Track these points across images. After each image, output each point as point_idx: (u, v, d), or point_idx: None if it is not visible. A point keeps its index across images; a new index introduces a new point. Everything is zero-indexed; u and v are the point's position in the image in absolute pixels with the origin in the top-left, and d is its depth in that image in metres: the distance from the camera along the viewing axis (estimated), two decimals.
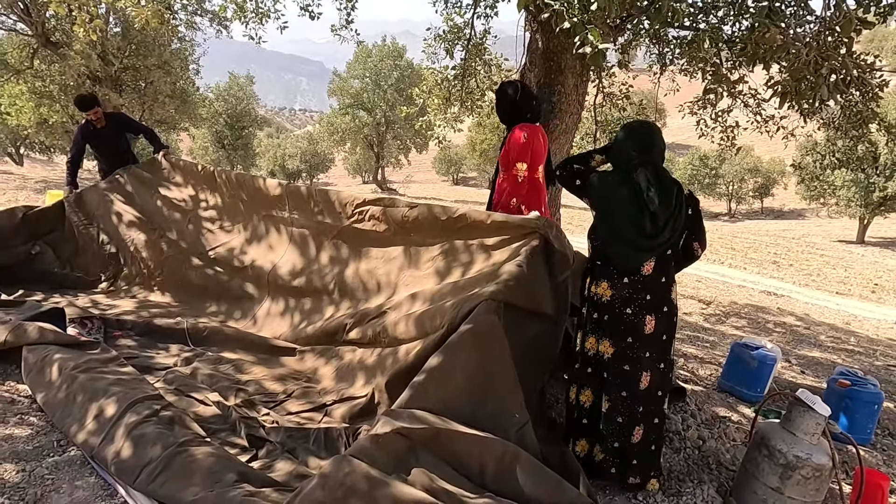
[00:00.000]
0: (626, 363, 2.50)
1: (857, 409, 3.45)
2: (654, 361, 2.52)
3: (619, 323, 2.50)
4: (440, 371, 2.28)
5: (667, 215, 2.43)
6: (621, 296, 2.49)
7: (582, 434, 2.64)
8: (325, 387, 3.10)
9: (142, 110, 17.61)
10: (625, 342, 2.50)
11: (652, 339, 2.50)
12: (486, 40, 8.29)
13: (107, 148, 5.46)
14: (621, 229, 2.47)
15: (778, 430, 2.44)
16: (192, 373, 3.12)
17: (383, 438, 1.99)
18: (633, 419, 2.50)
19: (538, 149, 3.40)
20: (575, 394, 2.66)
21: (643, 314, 2.49)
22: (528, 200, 3.40)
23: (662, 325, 2.52)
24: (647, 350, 2.50)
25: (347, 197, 3.71)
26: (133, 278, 4.57)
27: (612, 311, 2.51)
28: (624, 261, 2.49)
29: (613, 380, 2.52)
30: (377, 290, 3.40)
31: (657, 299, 2.50)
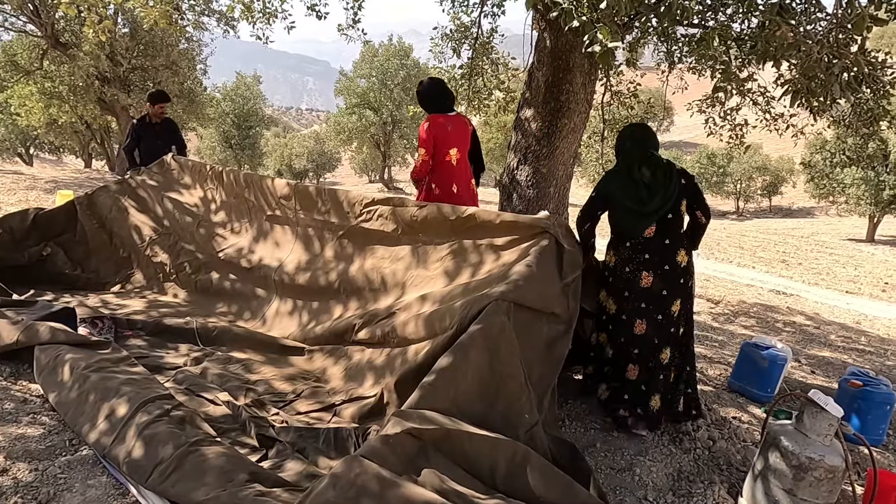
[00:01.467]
0: (623, 314, 3.03)
1: (869, 409, 3.42)
2: (650, 313, 2.98)
3: (618, 281, 3.04)
4: (450, 372, 2.27)
5: (657, 185, 2.95)
6: (622, 258, 3.03)
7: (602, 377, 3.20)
8: (333, 387, 3.10)
9: None
10: (622, 297, 3.03)
11: (648, 292, 2.97)
12: (494, 39, 8.28)
13: (152, 145, 5.97)
14: (625, 205, 2.99)
15: (790, 431, 2.42)
16: (202, 372, 3.14)
17: (394, 439, 1.99)
18: (628, 359, 3.03)
19: (444, 137, 3.97)
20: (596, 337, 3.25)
21: (639, 270, 2.98)
22: (440, 181, 4.04)
23: (661, 281, 2.96)
24: (643, 301, 2.98)
25: (356, 196, 3.71)
26: (145, 281, 4.60)
27: (615, 274, 3.06)
28: (632, 229, 2.99)
29: (615, 329, 3.08)
30: (385, 290, 3.40)
31: (656, 258, 2.96)
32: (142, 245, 4.63)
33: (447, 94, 4.17)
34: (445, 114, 4.07)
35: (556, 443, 2.52)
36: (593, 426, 3.03)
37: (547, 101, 4.77)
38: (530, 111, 4.90)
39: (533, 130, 4.86)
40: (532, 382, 2.57)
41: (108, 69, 15.49)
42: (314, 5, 7.55)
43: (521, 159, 4.96)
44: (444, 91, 4.17)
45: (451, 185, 4.07)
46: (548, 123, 4.78)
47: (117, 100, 15.90)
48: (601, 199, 3.11)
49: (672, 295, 2.99)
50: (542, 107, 4.79)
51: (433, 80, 4.23)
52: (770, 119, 7.62)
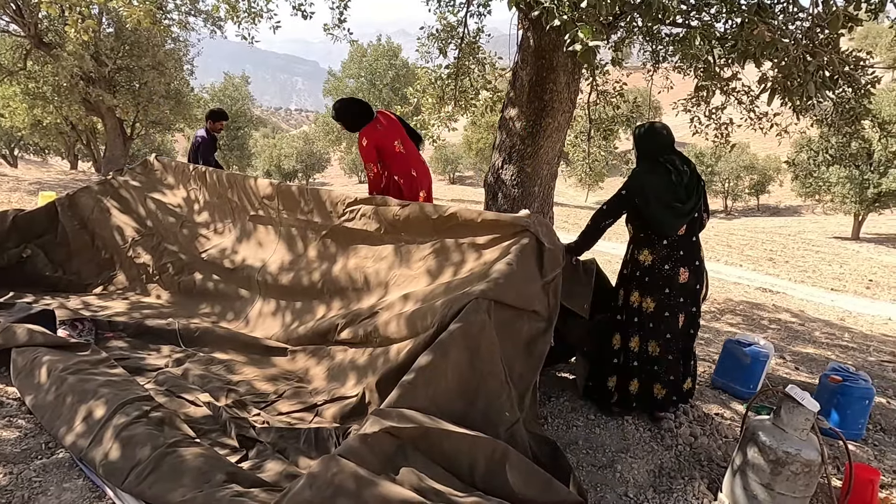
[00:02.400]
0: (665, 310, 3.08)
1: (848, 404, 3.46)
2: (687, 306, 3.12)
3: (657, 279, 3.06)
4: (430, 370, 2.27)
5: (692, 184, 3.05)
6: (660, 256, 3.06)
7: (633, 375, 3.14)
8: (316, 387, 3.09)
9: (136, 111, 17.54)
10: (663, 293, 3.07)
11: (685, 287, 3.08)
12: (480, 39, 8.29)
13: (209, 157, 6.64)
14: (665, 203, 3.00)
15: (768, 426, 2.44)
16: (184, 374, 3.11)
17: (372, 438, 1.98)
18: (675, 352, 3.12)
19: (383, 138, 4.15)
20: (619, 341, 3.20)
21: (677, 267, 3.06)
22: (399, 171, 4.21)
23: (694, 276, 3.10)
24: (682, 296, 3.08)
25: (339, 196, 3.70)
26: (128, 283, 4.56)
27: (653, 272, 3.07)
28: (670, 227, 3.03)
29: (657, 326, 3.08)
30: (368, 290, 3.39)
31: (689, 254, 3.08)
32: (124, 246, 4.59)
33: (360, 103, 4.36)
34: (370, 120, 4.20)
35: (537, 440, 2.53)
36: (576, 423, 3.04)
37: (531, 101, 4.78)
38: (514, 110, 4.91)
39: (517, 129, 4.87)
40: (513, 380, 2.57)
41: (92, 69, 15.33)
42: (300, 5, 7.52)
43: (505, 158, 4.98)
44: (357, 102, 4.37)
45: (410, 170, 4.26)
46: (532, 122, 4.80)
47: (102, 100, 15.74)
48: (632, 198, 3.08)
49: (701, 288, 3.17)
50: (527, 106, 4.81)
51: (343, 101, 4.36)
52: (754, 118, 7.70)
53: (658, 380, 3.11)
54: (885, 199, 24.10)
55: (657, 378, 3.11)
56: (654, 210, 3.02)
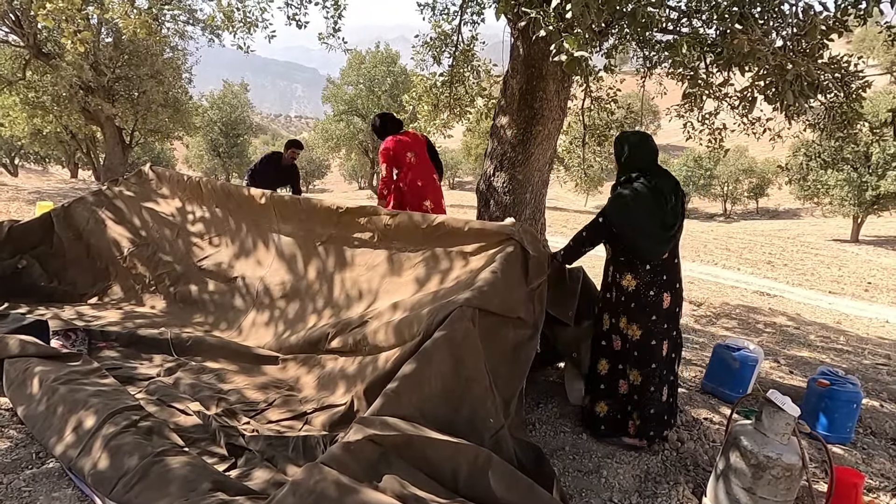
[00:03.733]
0: (652, 339, 2.92)
1: (836, 408, 3.48)
2: (670, 331, 2.98)
3: (644, 305, 2.91)
4: (414, 378, 2.30)
5: (678, 208, 2.92)
6: (644, 282, 2.91)
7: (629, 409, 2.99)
8: (306, 395, 3.12)
9: (135, 120, 17.65)
10: (650, 321, 2.91)
11: (668, 312, 2.95)
12: (474, 46, 8.35)
13: (270, 176, 6.56)
14: (650, 230, 2.86)
15: (750, 430, 2.47)
16: (175, 383, 3.14)
17: (355, 446, 2.01)
18: (662, 383, 2.97)
19: (400, 147, 4.76)
20: (606, 367, 3.06)
21: (661, 293, 2.91)
22: (404, 179, 4.75)
23: (675, 300, 2.97)
24: (666, 322, 2.94)
25: (332, 205, 3.74)
26: (123, 293, 4.59)
27: (638, 297, 2.92)
28: (655, 253, 2.89)
29: (642, 356, 2.93)
30: (359, 298, 3.43)
31: (671, 278, 2.95)
32: (119, 257, 4.63)
33: (393, 118, 5.08)
34: (396, 132, 4.91)
35: (522, 447, 2.55)
36: (563, 429, 3.07)
37: (521, 109, 4.83)
38: (505, 118, 4.96)
39: (508, 137, 4.92)
40: (498, 387, 2.60)
41: (91, 79, 15.43)
42: (294, 15, 7.58)
43: (497, 166, 5.02)
44: (391, 117, 5.09)
45: (416, 181, 4.76)
46: (522, 130, 4.84)
47: (101, 109, 15.83)
48: (611, 226, 2.90)
49: (680, 310, 3.04)
50: (517, 114, 4.86)
51: (382, 115, 5.10)
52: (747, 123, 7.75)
53: (637, 409, 2.96)
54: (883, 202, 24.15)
55: (637, 407, 2.96)
56: (638, 238, 2.87)
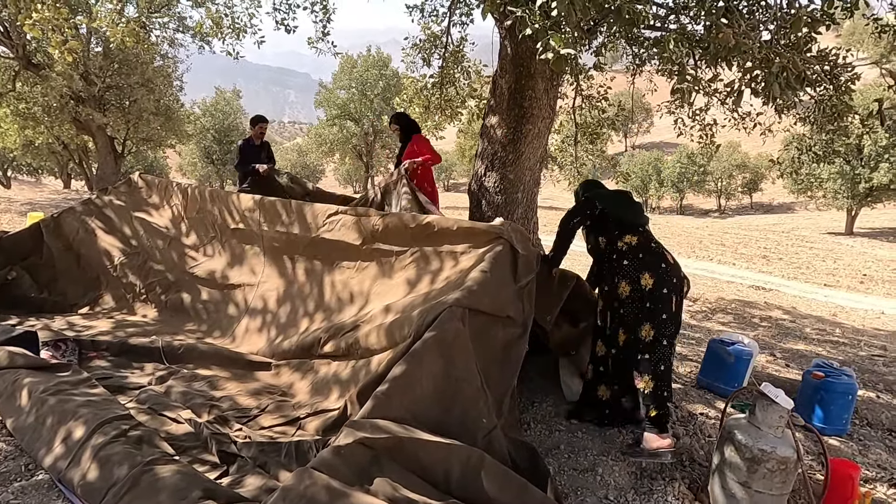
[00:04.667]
0: (664, 287, 2.93)
1: (831, 400, 3.48)
2: (677, 290, 2.98)
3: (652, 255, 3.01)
4: (404, 379, 2.29)
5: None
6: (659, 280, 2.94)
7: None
8: (299, 400, 3.10)
9: (126, 129, 17.59)
10: (660, 320, 2.92)
11: (674, 269, 3.01)
12: (464, 47, 8.34)
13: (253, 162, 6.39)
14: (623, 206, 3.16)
15: (744, 424, 2.46)
16: (166, 391, 3.12)
17: (345, 449, 2.00)
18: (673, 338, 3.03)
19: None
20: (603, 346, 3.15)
21: (671, 293, 2.95)
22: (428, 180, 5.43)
23: (676, 265, 3.04)
24: (674, 277, 2.98)
25: (320, 208, 3.73)
26: (114, 302, 4.56)
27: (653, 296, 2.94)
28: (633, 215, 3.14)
29: (657, 355, 2.91)
30: (350, 302, 3.41)
31: (679, 280, 3.02)
32: (110, 266, 4.60)
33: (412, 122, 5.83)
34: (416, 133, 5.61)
35: (516, 446, 2.54)
36: (558, 428, 3.05)
37: (511, 108, 4.82)
38: (495, 118, 4.95)
39: (498, 137, 4.91)
40: (490, 386, 2.59)
41: (82, 89, 15.37)
42: (283, 20, 7.57)
43: (488, 166, 5.01)
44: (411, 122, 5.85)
45: (434, 183, 5.55)
46: (513, 129, 4.83)
47: (92, 119, 15.77)
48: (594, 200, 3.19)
49: (682, 281, 3.08)
50: (507, 113, 4.85)
51: (404, 116, 5.87)
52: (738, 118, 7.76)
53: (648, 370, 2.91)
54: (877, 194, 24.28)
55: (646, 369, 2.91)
56: (614, 206, 3.14)
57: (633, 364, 2.97)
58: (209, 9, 7.74)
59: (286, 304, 3.78)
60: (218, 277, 4.25)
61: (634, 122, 56.14)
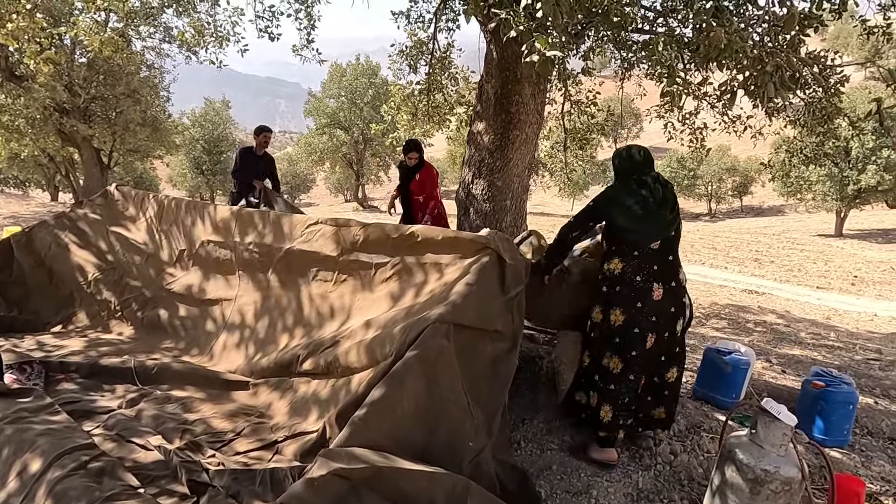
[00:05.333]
0: (635, 327, 2.83)
1: (832, 410, 3.36)
2: (660, 328, 2.87)
3: (628, 291, 2.85)
4: (384, 402, 2.14)
5: (666, 199, 2.92)
6: (631, 266, 2.86)
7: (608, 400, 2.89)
8: (277, 422, 2.94)
9: (113, 140, 17.36)
10: (634, 307, 2.83)
11: (658, 306, 2.85)
12: (451, 53, 8.25)
13: (252, 173, 6.49)
14: (635, 213, 2.88)
15: (745, 442, 2.33)
16: (137, 415, 2.95)
17: (319, 482, 1.85)
18: (641, 372, 2.89)
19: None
20: (589, 358, 3.00)
21: (651, 282, 2.84)
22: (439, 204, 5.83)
23: (670, 296, 2.88)
24: (655, 315, 2.85)
25: (298, 218, 3.59)
26: (89, 320, 4.38)
27: (623, 282, 2.86)
28: (640, 236, 2.88)
29: (624, 342, 2.84)
30: (331, 316, 3.26)
31: (664, 272, 2.88)
32: (84, 282, 4.42)
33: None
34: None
35: (506, 469, 2.40)
36: (550, 447, 2.91)
37: (497, 114, 4.72)
38: (482, 124, 4.84)
39: (486, 143, 4.80)
40: (478, 405, 2.46)
41: (66, 100, 15.15)
42: (266, 27, 7.44)
43: (475, 173, 4.89)
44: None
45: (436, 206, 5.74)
46: (500, 136, 4.72)
47: (77, 131, 15.54)
48: (599, 209, 2.97)
49: (678, 312, 2.94)
50: (493, 119, 4.74)
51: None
52: (728, 121, 7.70)
53: (610, 400, 2.86)
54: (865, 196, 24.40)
55: (609, 398, 2.86)
56: (622, 220, 2.89)
57: (596, 389, 2.90)
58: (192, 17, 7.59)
59: (264, 318, 3.63)
60: (195, 292, 4.09)
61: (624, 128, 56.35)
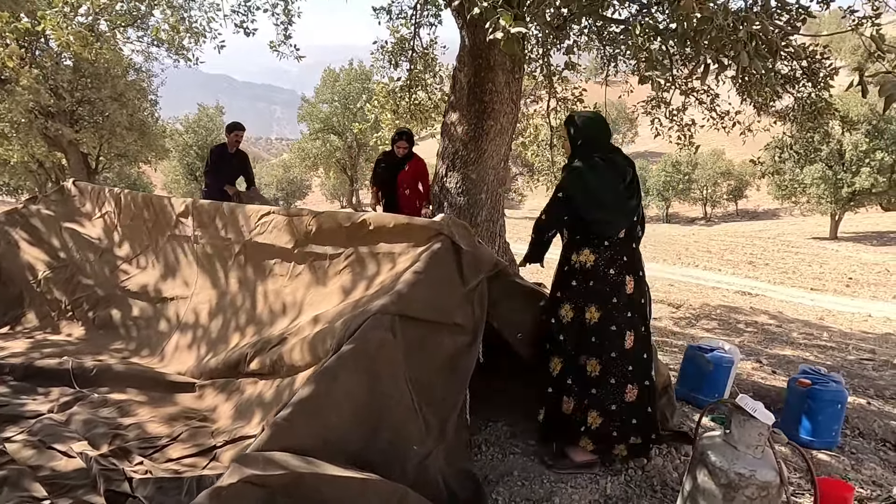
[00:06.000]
0: (612, 324, 2.61)
1: (819, 410, 3.15)
2: (635, 322, 2.65)
3: (602, 285, 2.61)
4: (312, 401, 1.92)
5: (634, 184, 2.71)
6: (604, 258, 2.63)
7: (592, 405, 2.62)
8: (220, 426, 2.72)
9: (99, 144, 17.15)
10: (610, 303, 2.61)
11: (633, 300, 2.65)
12: (434, 50, 8.07)
13: (225, 172, 6.41)
14: (605, 200, 2.63)
15: (718, 443, 2.12)
16: (68, 419, 2.72)
17: (228, 491, 1.63)
18: (625, 378, 2.61)
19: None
20: (560, 364, 2.67)
21: (623, 274, 2.63)
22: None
23: (639, 288, 2.69)
24: (629, 310, 2.63)
25: (253, 209, 3.38)
26: (38, 321, 4.15)
27: (597, 275, 2.62)
28: (614, 228, 2.64)
29: (601, 341, 2.60)
30: (283, 313, 3.04)
31: (632, 262, 2.68)
32: (33, 281, 4.20)
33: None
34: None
35: (459, 475, 2.18)
36: (513, 451, 2.69)
37: (471, 103, 4.53)
38: (456, 115, 4.66)
39: (459, 134, 4.61)
40: (432, 404, 2.24)
41: (51, 104, 14.94)
42: (242, 22, 7.27)
43: (449, 166, 4.70)
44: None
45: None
46: (474, 126, 4.54)
47: (62, 135, 15.33)
48: (572, 200, 2.65)
49: (646, 304, 2.73)
50: (467, 109, 4.55)
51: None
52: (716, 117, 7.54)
53: (595, 406, 2.60)
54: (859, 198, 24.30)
55: (595, 404, 2.60)
56: (596, 209, 2.63)
57: (573, 395, 2.62)
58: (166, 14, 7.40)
59: (218, 317, 3.41)
60: (151, 291, 3.87)
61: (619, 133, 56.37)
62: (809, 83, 6.26)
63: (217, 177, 6.31)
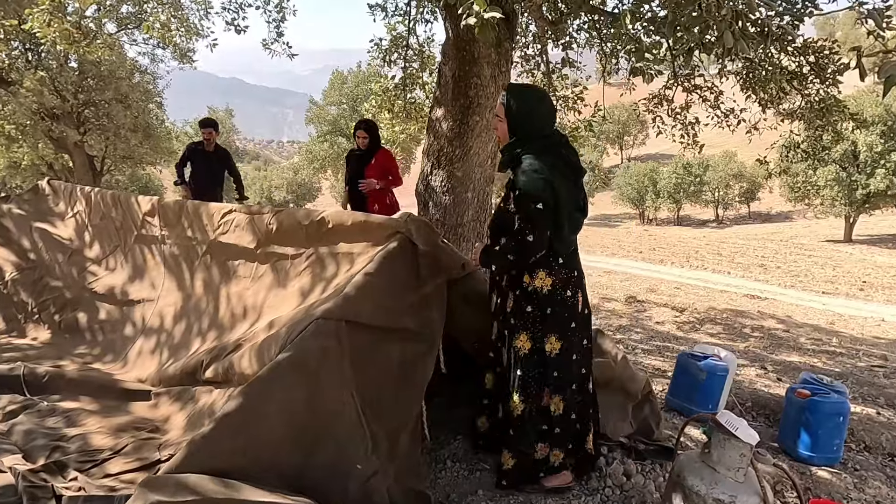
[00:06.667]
0: (573, 353, 2.32)
1: (819, 423, 2.91)
2: (583, 342, 2.39)
3: (562, 310, 2.30)
4: (239, 416, 1.75)
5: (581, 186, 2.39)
6: (560, 279, 2.29)
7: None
8: (169, 438, 2.55)
9: (104, 146, 17.16)
10: (569, 329, 2.31)
11: (584, 318, 2.40)
12: (430, 48, 7.90)
13: (203, 171, 6.39)
14: (568, 210, 2.26)
15: (696, 465, 1.91)
16: (9, 430, 2.56)
17: None
18: (586, 411, 2.40)
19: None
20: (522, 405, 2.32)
21: (576, 293, 2.34)
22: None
23: (586, 301, 2.42)
24: (581, 332, 2.37)
25: (215, 208, 3.22)
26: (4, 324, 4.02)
27: (554, 300, 2.28)
28: (570, 241, 2.34)
29: (563, 375, 2.31)
30: (244, 317, 2.87)
31: (579, 275, 2.38)
32: (1, 283, 4.07)
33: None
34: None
35: (408, 497, 1.99)
36: (481, 468, 2.49)
37: (456, 98, 4.34)
38: (441, 110, 4.47)
39: (444, 131, 4.42)
40: (381, 419, 2.05)
41: (56, 105, 14.95)
42: (233, 20, 7.14)
43: (434, 163, 4.51)
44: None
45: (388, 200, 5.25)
46: (459, 122, 4.35)
47: (66, 136, 15.34)
48: (547, 210, 2.19)
49: (590, 314, 2.48)
50: (452, 104, 4.36)
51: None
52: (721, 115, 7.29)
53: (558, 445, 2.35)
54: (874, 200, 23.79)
55: (558, 443, 2.35)
56: (566, 222, 2.24)
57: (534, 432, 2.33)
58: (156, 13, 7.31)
59: (182, 321, 3.25)
60: (118, 293, 3.72)
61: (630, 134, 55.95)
62: (817, 80, 6.03)
63: (199, 179, 6.20)
